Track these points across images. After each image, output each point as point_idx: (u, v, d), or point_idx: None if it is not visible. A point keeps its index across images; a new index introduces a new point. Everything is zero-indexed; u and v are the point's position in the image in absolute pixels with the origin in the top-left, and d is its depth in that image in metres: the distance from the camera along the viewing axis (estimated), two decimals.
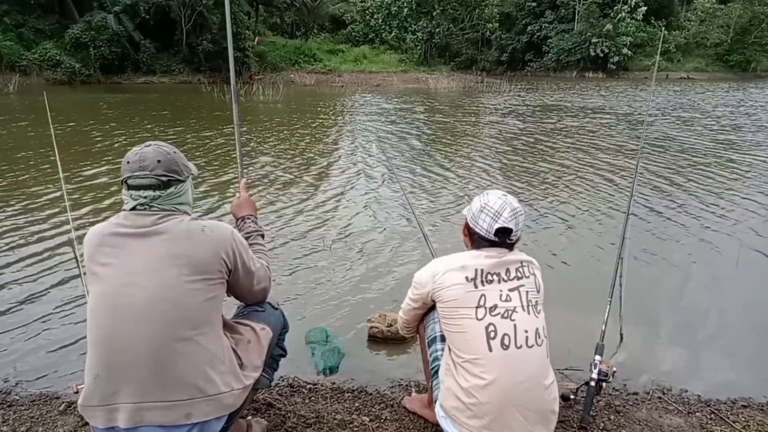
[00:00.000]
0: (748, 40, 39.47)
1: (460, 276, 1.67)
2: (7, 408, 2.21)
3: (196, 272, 1.42)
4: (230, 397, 1.46)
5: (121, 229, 1.44)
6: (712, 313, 3.38)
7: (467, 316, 1.63)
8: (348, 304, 3.37)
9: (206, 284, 1.43)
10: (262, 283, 1.68)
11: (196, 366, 1.39)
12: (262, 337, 1.68)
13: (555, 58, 37.57)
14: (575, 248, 4.45)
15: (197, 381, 1.38)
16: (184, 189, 1.53)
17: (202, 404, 1.38)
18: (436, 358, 1.85)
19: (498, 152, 8.72)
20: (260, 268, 1.67)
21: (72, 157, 7.57)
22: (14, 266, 3.84)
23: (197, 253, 1.43)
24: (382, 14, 37.79)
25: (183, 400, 1.36)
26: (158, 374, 1.35)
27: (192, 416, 1.37)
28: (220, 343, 1.47)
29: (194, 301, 1.41)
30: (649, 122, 12.63)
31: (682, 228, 4.98)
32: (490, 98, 19.46)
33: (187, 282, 1.40)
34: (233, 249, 1.52)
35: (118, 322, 1.36)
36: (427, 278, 1.74)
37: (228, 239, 1.51)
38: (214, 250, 1.46)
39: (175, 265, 1.40)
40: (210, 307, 1.45)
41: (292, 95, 19.33)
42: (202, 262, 1.43)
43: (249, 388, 1.56)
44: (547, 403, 1.63)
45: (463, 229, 1.83)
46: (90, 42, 22.12)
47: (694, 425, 2.20)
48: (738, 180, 6.95)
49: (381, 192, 6.17)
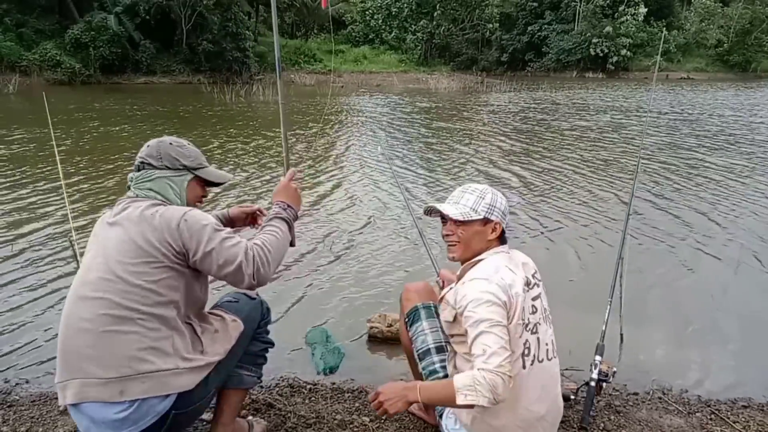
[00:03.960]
0: (749, 40, 39.48)
1: (519, 286, 1.52)
2: (7, 408, 2.21)
3: (139, 255, 1.45)
4: (173, 377, 1.44)
5: (106, 219, 1.58)
6: (713, 314, 3.38)
7: (514, 335, 1.49)
8: (348, 304, 3.37)
9: (149, 267, 1.45)
10: (228, 265, 1.48)
11: (133, 345, 1.41)
12: (231, 328, 1.66)
13: (555, 59, 37.60)
14: (575, 248, 4.45)
15: (131, 359, 1.41)
16: (153, 176, 1.59)
17: (136, 382, 1.40)
18: (433, 371, 1.77)
19: (498, 152, 8.72)
20: (227, 248, 1.48)
21: (72, 157, 7.57)
22: (14, 266, 3.84)
23: (144, 236, 1.46)
24: (382, 15, 37.81)
25: (116, 378, 1.40)
26: (99, 352, 1.41)
27: (125, 393, 1.39)
28: (169, 324, 1.47)
29: (137, 283, 1.44)
30: (649, 122, 12.62)
31: (682, 228, 4.98)
32: (490, 98, 19.46)
33: (131, 265, 1.45)
34: (180, 231, 1.47)
35: (72, 305, 1.47)
36: (504, 290, 1.47)
37: (175, 221, 1.47)
38: (159, 233, 1.46)
39: (122, 250, 1.46)
40: (157, 289, 1.45)
41: (293, 95, 19.32)
42: (146, 246, 1.45)
43: (202, 370, 1.51)
44: (559, 411, 1.64)
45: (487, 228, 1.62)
46: (90, 42, 22.14)
47: (694, 425, 2.20)
48: (739, 181, 6.94)
49: (382, 193, 6.16)
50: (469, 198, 1.63)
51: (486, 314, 1.41)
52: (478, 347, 1.38)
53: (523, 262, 1.63)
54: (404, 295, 1.98)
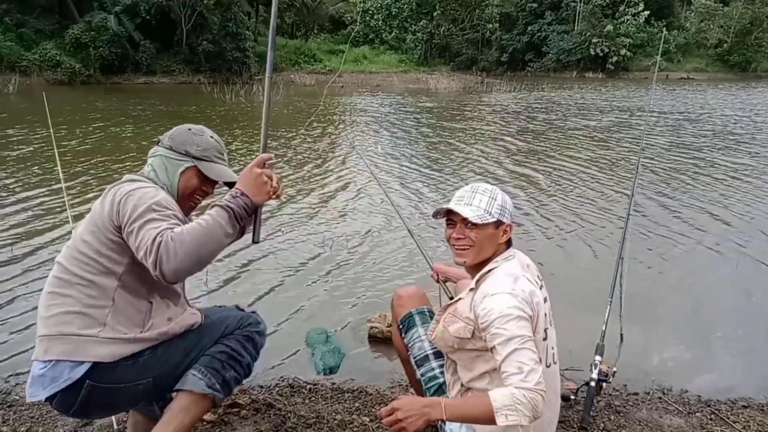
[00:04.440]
0: (749, 40, 39.46)
1: (540, 295, 1.47)
2: (7, 408, 2.21)
3: (90, 226, 1.48)
4: (91, 344, 1.41)
5: None
6: (713, 314, 3.38)
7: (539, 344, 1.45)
8: (348, 304, 3.38)
9: (94, 237, 1.46)
10: (140, 249, 1.35)
11: (64, 308, 1.44)
12: (185, 318, 1.57)
13: (555, 59, 37.61)
14: (576, 248, 4.45)
15: (59, 321, 1.43)
16: (157, 152, 1.61)
17: (57, 342, 1.42)
18: (433, 377, 1.73)
19: (498, 152, 8.72)
20: (144, 231, 1.35)
21: (73, 158, 7.57)
22: (14, 266, 3.84)
23: (99, 209, 1.48)
24: (383, 15, 37.82)
25: (45, 335, 1.44)
26: (43, 312, 1.47)
27: (48, 352, 1.42)
28: (107, 294, 1.45)
29: (83, 251, 1.46)
30: (649, 123, 12.62)
31: (682, 228, 4.98)
32: (491, 98, 19.46)
33: (84, 233, 1.48)
34: (120, 205, 1.43)
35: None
36: (528, 303, 1.42)
37: (119, 195, 1.45)
38: (108, 206, 1.46)
39: (84, 222, 1.52)
40: (98, 258, 1.45)
41: (293, 95, 19.32)
42: (96, 218, 1.48)
43: (127, 344, 1.44)
44: (558, 412, 1.64)
45: (499, 230, 1.56)
46: (90, 42, 22.14)
47: (694, 425, 2.20)
48: (739, 181, 6.94)
49: (382, 193, 6.16)
50: (482, 199, 1.54)
51: (517, 330, 1.35)
52: (513, 365, 1.33)
53: (527, 264, 1.59)
54: (396, 302, 1.93)
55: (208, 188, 1.65)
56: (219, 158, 1.66)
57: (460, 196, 1.58)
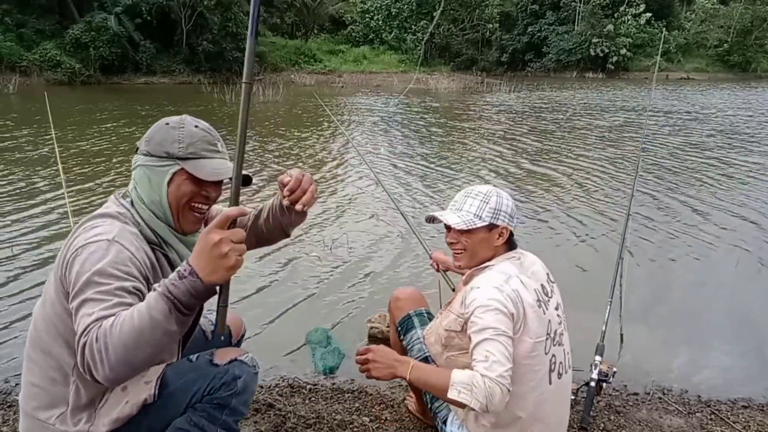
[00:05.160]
0: (749, 40, 39.46)
1: (531, 298, 1.45)
2: (7, 408, 2.21)
3: (54, 279, 1.22)
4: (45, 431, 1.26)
5: None
6: (713, 314, 3.38)
7: (538, 353, 1.43)
8: (348, 304, 3.37)
9: (56, 294, 1.21)
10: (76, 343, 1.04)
11: (30, 376, 1.31)
12: (135, 393, 1.27)
13: (555, 59, 37.63)
14: (576, 248, 4.45)
15: (26, 393, 1.33)
16: (137, 162, 1.32)
17: (22, 415, 1.35)
18: None
19: (498, 152, 8.72)
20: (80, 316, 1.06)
21: (73, 158, 7.57)
22: (13, 266, 3.83)
23: (57, 262, 1.21)
24: (382, 15, 37.82)
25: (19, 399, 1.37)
26: (23, 369, 1.36)
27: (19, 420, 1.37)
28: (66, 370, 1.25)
29: (48, 310, 1.24)
30: (649, 123, 12.62)
31: (682, 228, 4.98)
32: (490, 98, 19.45)
33: (50, 285, 1.25)
34: (68, 265, 1.15)
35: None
36: (514, 302, 1.41)
37: (71, 250, 1.16)
38: (61, 266, 1.18)
39: (54, 265, 1.25)
40: (59, 326, 1.22)
41: (293, 96, 19.32)
42: (55, 272, 1.21)
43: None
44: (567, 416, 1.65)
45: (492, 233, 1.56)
46: (90, 42, 22.11)
47: (694, 426, 2.20)
48: (739, 181, 6.95)
49: (382, 192, 6.16)
50: (473, 203, 1.54)
51: (493, 322, 1.36)
52: (481, 353, 1.33)
53: (533, 270, 1.58)
54: (394, 303, 1.93)
55: (210, 191, 1.32)
56: (210, 151, 1.31)
57: (454, 201, 1.62)
